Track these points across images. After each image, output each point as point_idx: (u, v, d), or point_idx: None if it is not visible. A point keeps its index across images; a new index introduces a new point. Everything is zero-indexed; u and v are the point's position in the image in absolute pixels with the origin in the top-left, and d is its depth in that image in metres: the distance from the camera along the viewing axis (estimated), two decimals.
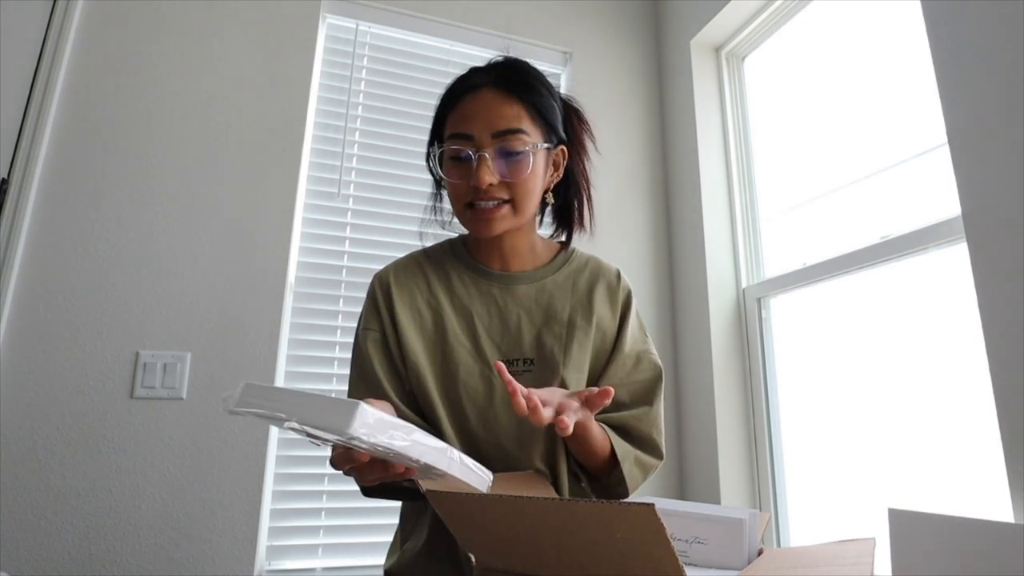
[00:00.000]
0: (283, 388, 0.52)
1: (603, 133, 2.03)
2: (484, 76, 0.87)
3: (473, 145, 0.83)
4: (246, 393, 0.51)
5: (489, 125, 0.83)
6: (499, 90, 0.85)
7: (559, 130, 0.91)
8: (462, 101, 0.86)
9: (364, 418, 0.48)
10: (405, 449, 0.53)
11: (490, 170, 0.83)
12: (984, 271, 1.06)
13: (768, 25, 1.85)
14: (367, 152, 1.82)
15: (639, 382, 0.91)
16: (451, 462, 0.60)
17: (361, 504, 1.56)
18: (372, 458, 0.61)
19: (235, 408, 0.51)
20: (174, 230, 1.53)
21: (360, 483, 0.68)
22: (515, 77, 0.87)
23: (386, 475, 0.63)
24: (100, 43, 1.57)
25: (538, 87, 0.88)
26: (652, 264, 2.00)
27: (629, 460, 0.85)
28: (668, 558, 0.46)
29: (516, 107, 0.85)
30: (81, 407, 1.38)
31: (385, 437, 0.51)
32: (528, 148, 0.84)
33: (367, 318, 0.92)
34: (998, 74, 1.07)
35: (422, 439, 0.56)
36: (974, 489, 1.15)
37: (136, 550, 1.35)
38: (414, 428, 0.55)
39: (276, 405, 0.50)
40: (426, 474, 0.63)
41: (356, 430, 0.47)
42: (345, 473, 0.65)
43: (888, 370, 1.37)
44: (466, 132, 0.84)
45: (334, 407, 0.48)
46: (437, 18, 1.94)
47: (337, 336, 1.67)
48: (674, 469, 1.83)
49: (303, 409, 0.49)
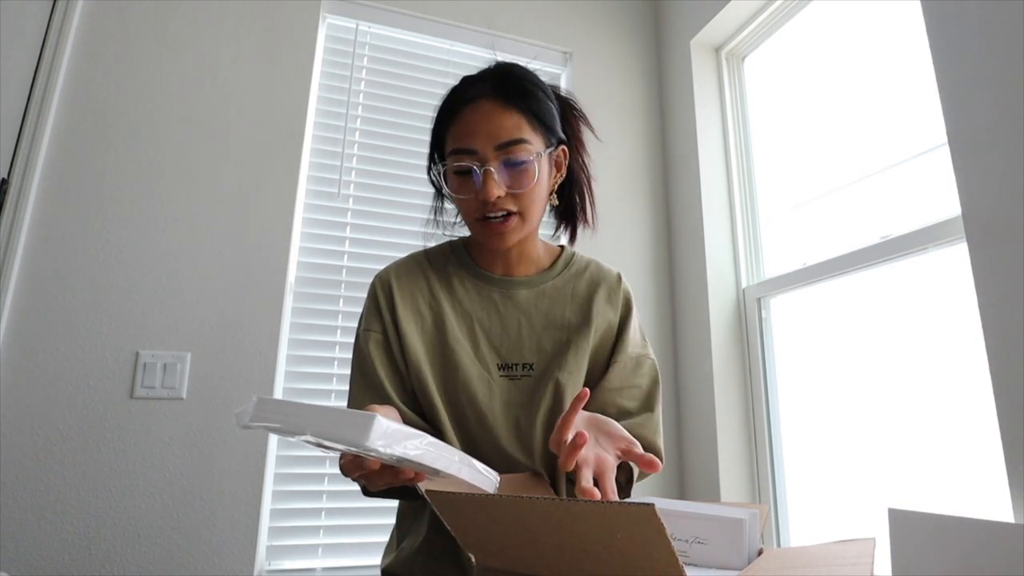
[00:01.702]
0: (295, 402, 0.52)
1: (603, 133, 2.04)
2: (481, 86, 0.86)
3: (477, 160, 0.83)
4: (259, 408, 0.51)
5: (492, 138, 0.82)
6: (498, 100, 0.84)
7: (558, 131, 0.91)
8: (461, 114, 0.85)
9: (381, 430, 0.48)
10: (419, 457, 0.54)
11: (497, 183, 0.82)
12: (984, 271, 1.06)
13: (768, 25, 1.85)
14: (367, 152, 1.82)
15: (639, 387, 0.91)
16: (461, 467, 0.60)
17: (361, 504, 1.56)
18: (382, 465, 0.61)
19: (249, 423, 0.51)
20: (174, 230, 1.53)
21: (369, 488, 0.69)
22: (512, 85, 0.86)
23: (395, 481, 0.63)
24: (100, 43, 1.57)
25: (535, 92, 0.87)
26: (652, 264, 2.00)
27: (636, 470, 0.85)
28: (668, 558, 0.46)
29: (516, 117, 0.84)
30: (81, 407, 1.38)
31: (400, 448, 0.51)
32: (532, 157, 0.84)
33: (368, 319, 0.92)
34: (998, 74, 1.07)
35: (433, 447, 0.56)
36: (974, 489, 1.15)
37: (136, 550, 1.35)
38: (426, 436, 0.55)
39: (291, 420, 0.50)
40: (434, 477, 0.63)
41: (374, 442, 0.47)
42: (354, 480, 0.65)
43: (888, 370, 1.37)
44: (469, 147, 0.83)
45: (350, 420, 0.49)
46: (437, 18, 1.94)
47: (337, 336, 1.67)
48: (674, 469, 1.83)
49: (318, 423, 0.50)
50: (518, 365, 0.89)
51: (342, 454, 0.64)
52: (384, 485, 0.65)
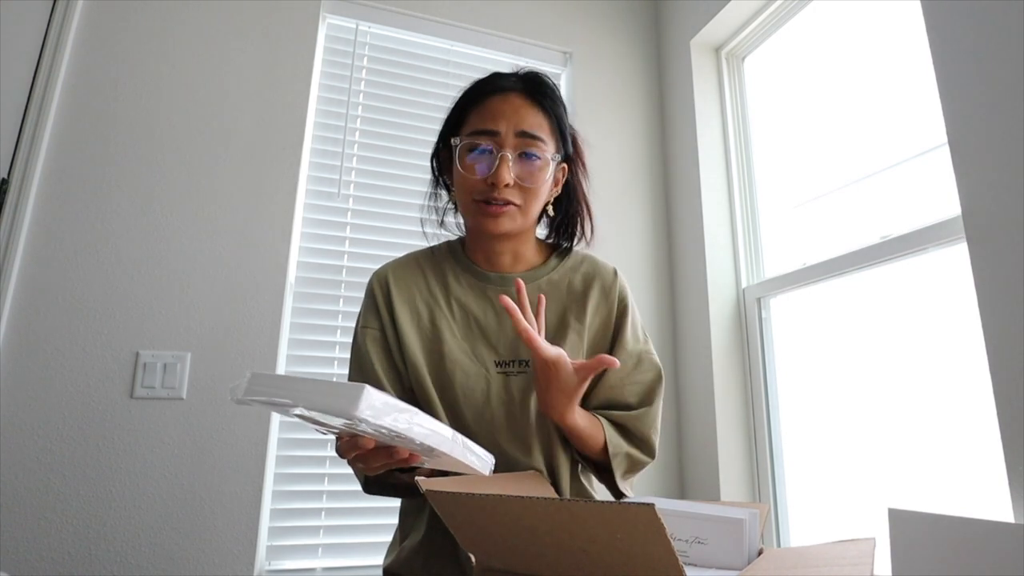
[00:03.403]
0: (289, 376, 0.53)
1: (603, 133, 2.05)
2: (512, 81, 0.90)
3: (497, 142, 0.85)
4: (253, 382, 0.52)
5: (515, 125, 0.86)
6: (527, 97, 0.88)
7: (568, 147, 0.94)
8: (489, 99, 0.88)
9: (370, 400, 0.49)
10: (408, 431, 0.54)
11: (509, 170, 0.85)
12: (984, 271, 1.06)
13: (768, 25, 1.85)
14: (367, 152, 1.82)
15: (641, 383, 0.91)
16: (453, 445, 0.61)
17: (361, 504, 1.56)
18: (377, 445, 0.62)
19: (243, 397, 0.52)
20: (174, 230, 1.53)
21: (366, 472, 0.70)
22: (541, 89, 0.90)
23: (391, 461, 0.64)
24: (100, 43, 1.57)
25: (559, 102, 0.92)
26: (652, 264, 2.00)
27: (620, 455, 0.86)
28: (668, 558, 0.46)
29: (540, 116, 0.88)
30: (81, 407, 1.38)
31: (389, 419, 0.52)
32: (547, 155, 0.87)
33: (366, 316, 0.93)
34: (998, 74, 1.07)
35: (424, 422, 0.57)
36: (974, 489, 1.15)
37: (136, 550, 1.35)
38: (417, 411, 0.56)
39: (283, 392, 0.51)
40: (429, 456, 0.64)
41: (362, 412, 0.48)
42: (350, 462, 0.66)
43: (888, 370, 1.37)
44: (493, 128, 0.86)
45: (340, 391, 0.50)
46: (437, 18, 1.94)
47: (337, 336, 1.67)
48: (674, 469, 1.83)
49: (309, 394, 0.51)
50: (514, 362, 0.89)
51: (338, 436, 0.64)
52: (381, 466, 0.65)
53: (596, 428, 0.85)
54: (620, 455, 0.86)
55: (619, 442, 0.87)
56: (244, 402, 0.52)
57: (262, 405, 0.54)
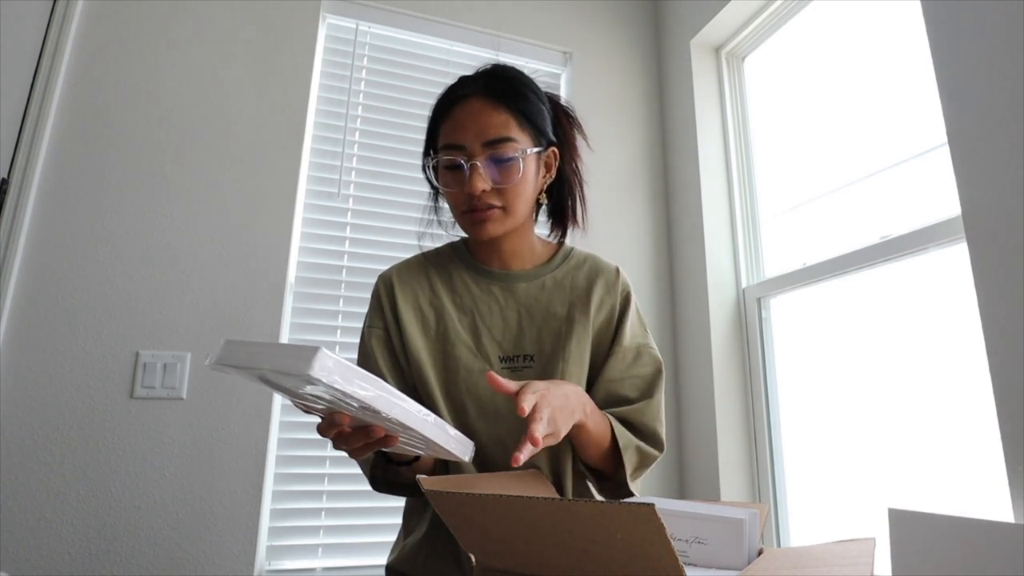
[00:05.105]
0: (260, 342, 0.53)
1: (603, 133, 2.05)
2: (472, 86, 0.89)
3: (465, 154, 0.86)
4: (226, 349, 0.53)
5: (479, 135, 0.85)
6: (487, 99, 0.87)
7: (548, 133, 0.93)
8: (452, 112, 0.88)
9: (323, 361, 0.49)
10: (372, 400, 0.54)
11: (482, 177, 0.85)
12: (984, 271, 1.06)
13: (768, 25, 1.85)
14: (367, 152, 1.82)
15: (640, 376, 0.92)
16: (425, 423, 0.61)
17: (361, 504, 1.56)
18: (353, 425, 0.63)
19: (215, 363, 0.53)
20: (174, 230, 1.53)
21: (353, 456, 0.70)
22: (502, 85, 0.89)
23: (370, 441, 0.64)
24: (100, 43, 1.57)
25: (525, 92, 0.90)
26: (652, 264, 2.00)
27: (631, 448, 0.86)
28: (668, 558, 0.46)
29: (504, 115, 0.87)
30: (81, 407, 1.38)
31: (350, 386, 0.52)
32: (518, 154, 0.86)
33: (371, 316, 0.95)
34: (998, 74, 1.07)
35: (391, 395, 0.57)
36: (974, 489, 1.15)
37: (136, 550, 1.35)
38: (383, 383, 0.56)
39: (249, 358, 0.52)
40: (406, 436, 0.63)
41: (316, 372, 0.48)
42: (335, 445, 0.67)
43: (888, 370, 1.37)
44: (458, 142, 0.86)
45: (297, 352, 0.50)
46: (437, 18, 1.94)
47: (337, 336, 1.67)
48: (674, 468, 1.83)
49: (272, 357, 0.51)
50: (520, 357, 0.90)
51: (322, 416, 0.64)
52: (362, 447, 0.66)
53: (604, 424, 0.85)
54: (631, 448, 0.86)
55: (629, 437, 0.87)
56: (218, 369, 0.53)
57: (236, 372, 0.55)
